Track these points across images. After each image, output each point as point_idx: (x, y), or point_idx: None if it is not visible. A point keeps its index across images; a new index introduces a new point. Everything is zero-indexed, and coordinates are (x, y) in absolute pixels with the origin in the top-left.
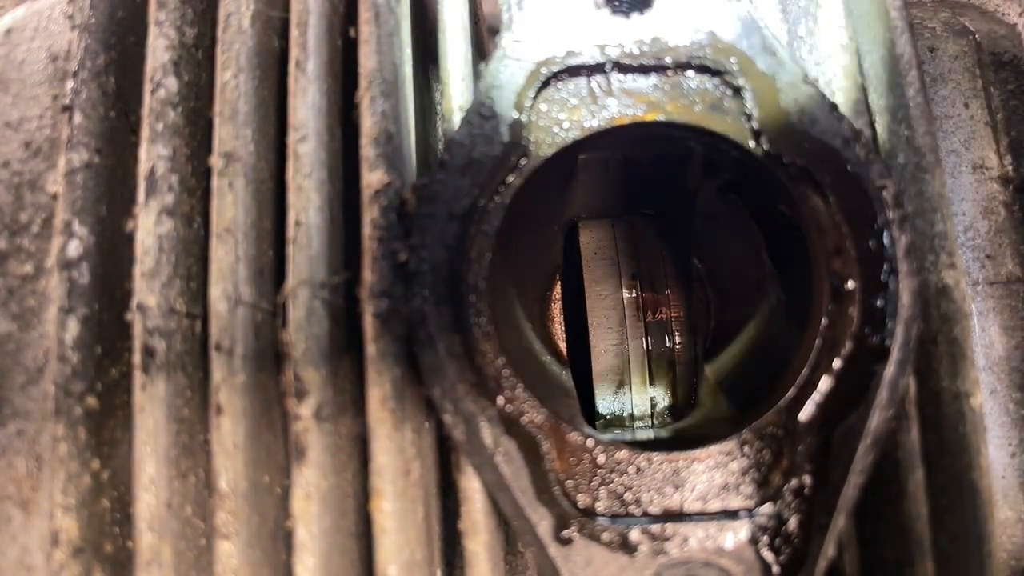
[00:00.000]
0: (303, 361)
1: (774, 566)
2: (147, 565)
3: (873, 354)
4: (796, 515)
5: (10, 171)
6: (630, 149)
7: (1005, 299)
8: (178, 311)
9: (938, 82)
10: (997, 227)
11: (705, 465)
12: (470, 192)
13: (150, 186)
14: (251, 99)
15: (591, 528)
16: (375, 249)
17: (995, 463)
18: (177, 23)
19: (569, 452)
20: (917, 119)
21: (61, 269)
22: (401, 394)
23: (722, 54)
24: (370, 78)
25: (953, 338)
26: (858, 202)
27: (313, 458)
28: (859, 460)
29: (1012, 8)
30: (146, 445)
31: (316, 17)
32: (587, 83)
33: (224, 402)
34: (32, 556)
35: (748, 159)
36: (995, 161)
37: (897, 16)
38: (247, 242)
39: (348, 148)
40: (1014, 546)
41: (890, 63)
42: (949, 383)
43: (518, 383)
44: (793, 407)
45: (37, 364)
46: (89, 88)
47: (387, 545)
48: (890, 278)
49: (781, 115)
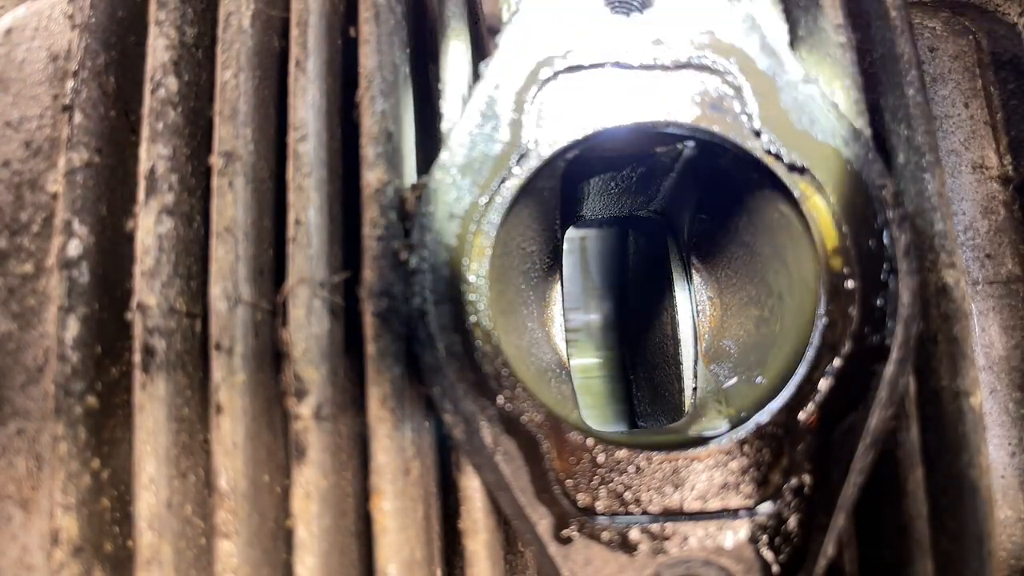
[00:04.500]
0: (303, 360)
1: (774, 565)
2: (147, 564)
3: (873, 353)
4: (796, 514)
5: (10, 170)
6: (630, 149)
7: (1005, 298)
8: (178, 310)
9: (938, 82)
10: (997, 227)
11: (705, 464)
12: (470, 192)
13: (150, 185)
14: (251, 98)
15: (591, 527)
16: (375, 248)
17: (995, 462)
18: (177, 23)
19: (569, 451)
20: (917, 119)
21: (61, 268)
22: (401, 393)
23: (722, 54)
24: (370, 78)
25: (953, 337)
26: (858, 201)
27: (313, 457)
28: (859, 459)
29: (1012, 8)
30: (146, 444)
31: (316, 17)
32: (587, 83)
33: (224, 401)
34: (32, 555)
35: (748, 159)
36: (995, 161)
37: (897, 16)
38: (247, 241)
39: (348, 148)
40: (1014, 545)
41: (890, 63)
42: (949, 382)
43: (518, 382)
44: (793, 406)
45: (37, 363)
46: (89, 88)
47: (387, 544)
48: (890, 277)
49: (781, 115)
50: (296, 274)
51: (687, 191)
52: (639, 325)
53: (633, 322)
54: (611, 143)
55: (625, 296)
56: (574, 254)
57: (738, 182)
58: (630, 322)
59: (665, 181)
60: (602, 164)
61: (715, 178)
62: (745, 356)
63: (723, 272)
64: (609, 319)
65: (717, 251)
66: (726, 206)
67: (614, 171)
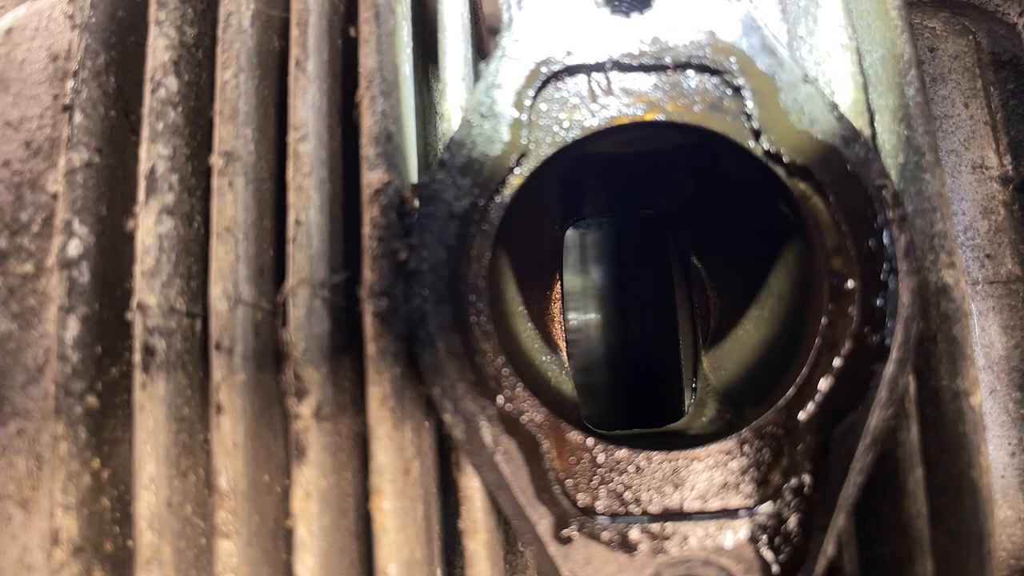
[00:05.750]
0: (303, 360)
1: (774, 565)
2: (147, 564)
3: (873, 353)
4: (796, 514)
5: (10, 170)
6: (630, 148)
7: (1005, 298)
8: (178, 310)
9: (938, 82)
10: (997, 227)
11: (705, 464)
12: (470, 192)
13: (150, 185)
14: (251, 98)
15: (591, 527)
16: (375, 248)
17: (995, 462)
18: (177, 23)
19: (569, 451)
20: (917, 119)
21: (61, 268)
22: (401, 393)
23: (722, 54)
24: (370, 78)
25: (953, 337)
26: (858, 201)
27: (313, 457)
28: (859, 459)
29: (1012, 8)
30: (146, 444)
31: (316, 16)
32: (587, 83)
33: (224, 401)
34: (32, 555)
35: (747, 159)
36: (995, 161)
37: (897, 16)
38: (247, 241)
39: (348, 148)
40: (1014, 545)
41: (890, 63)
42: (949, 382)
43: (518, 382)
44: (793, 406)
45: (37, 363)
46: (89, 88)
47: (387, 544)
48: (890, 277)
49: (781, 115)
50: (296, 274)
51: (687, 191)
52: (639, 325)
53: (633, 322)
54: (611, 143)
55: (625, 296)
56: (574, 254)
57: (738, 182)
58: (630, 322)
59: (665, 181)
60: (602, 164)
61: (715, 178)
62: (745, 356)
63: (723, 272)
64: (609, 319)
65: (717, 251)
66: (726, 206)
67: (614, 171)
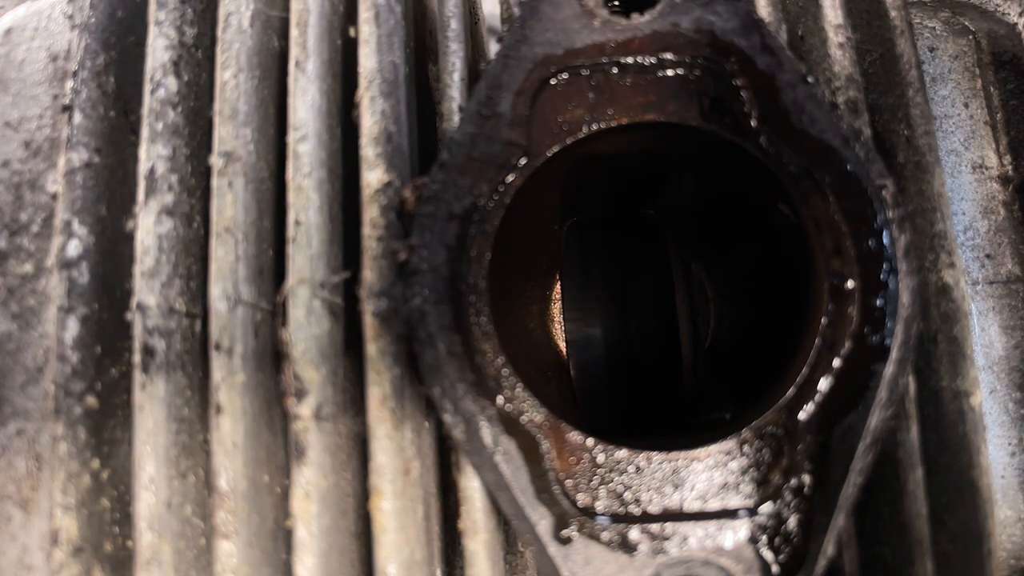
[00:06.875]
0: (303, 361)
1: (774, 565)
2: (147, 564)
3: (873, 353)
4: (796, 514)
5: (10, 171)
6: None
7: (1005, 299)
8: (178, 311)
9: (938, 82)
10: (997, 227)
11: (705, 464)
12: (470, 192)
13: (150, 186)
14: (251, 99)
15: (591, 527)
16: (375, 248)
17: (995, 462)
18: (177, 23)
19: (569, 451)
20: (916, 119)
21: (61, 269)
22: (401, 394)
23: (722, 54)
24: (370, 78)
25: (953, 337)
26: (858, 201)
27: (313, 457)
28: (859, 459)
29: (1012, 8)
30: (146, 444)
31: (316, 17)
32: (587, 83)
33: (224, 401)
34: (32, 555)
35: (747, 159)
36: (995, 161)
37: (897, 16)
38: (247, 242)
39: (348, 148)
40: (1014, 545)
41: (890, 63)
42: (949, 382)
43: (518, 382)
44: (793, 406)
45: (37, 364)
46: (89, 88)
47: (387, 544)
48: (890, 277)
49: (781, 115)
50: (296, 274)
51: (687, 191)
52: (639, 325)
53: (633, 322)
54: (610, 143)
55: (625, 296)
56: (574, 254)
57: (738, 182)
58: (630, 322)
59: (665, 181)
60: (601, 164)
61: (715, 178)
62: (744, 356)
63: (723, 272)
64: (609, 319)
65: (717, 251)
66: (726, 206)
67: (614, 171)
